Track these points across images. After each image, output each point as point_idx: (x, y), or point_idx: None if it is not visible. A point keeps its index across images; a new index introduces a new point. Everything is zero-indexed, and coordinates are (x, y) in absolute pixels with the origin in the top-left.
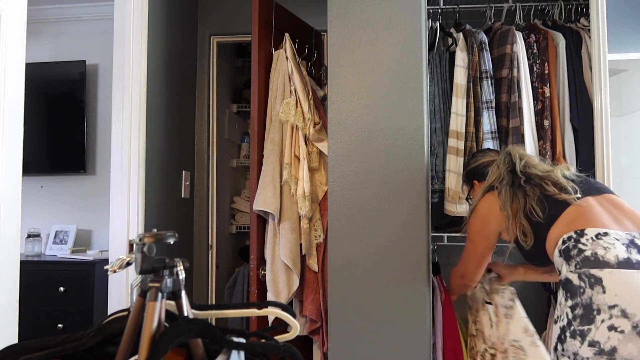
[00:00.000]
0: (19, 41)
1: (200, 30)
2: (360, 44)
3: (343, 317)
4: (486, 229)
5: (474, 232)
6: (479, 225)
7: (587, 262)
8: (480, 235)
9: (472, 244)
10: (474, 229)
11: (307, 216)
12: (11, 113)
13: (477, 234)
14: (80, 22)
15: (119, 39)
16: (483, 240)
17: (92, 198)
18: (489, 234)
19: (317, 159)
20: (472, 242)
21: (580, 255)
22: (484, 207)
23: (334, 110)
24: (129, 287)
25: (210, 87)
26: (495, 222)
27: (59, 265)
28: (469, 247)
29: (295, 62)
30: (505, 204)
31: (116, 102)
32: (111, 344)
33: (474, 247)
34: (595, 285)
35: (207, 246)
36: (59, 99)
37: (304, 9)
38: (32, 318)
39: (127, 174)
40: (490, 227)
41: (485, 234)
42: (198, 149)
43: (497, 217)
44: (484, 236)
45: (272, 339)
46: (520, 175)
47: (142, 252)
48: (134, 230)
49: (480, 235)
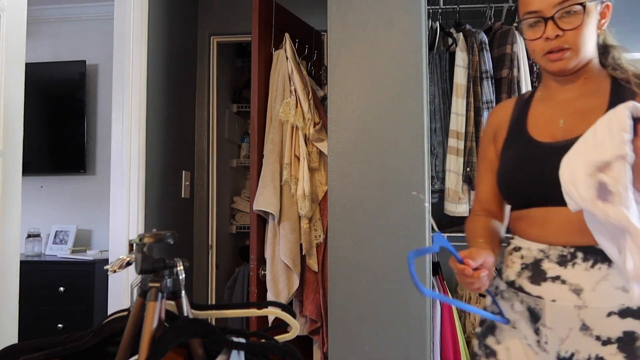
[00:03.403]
0: (19, 41)
1: (200, 30)
2: (360, 44)
3: (343, 317)
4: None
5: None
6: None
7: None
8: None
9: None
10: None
11: (307, 216)
12: (11, 113)
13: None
14: (80, 22)
15: (119, 39)
16: (482, 158)
17: (92, 198)
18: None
19: (317, 159)
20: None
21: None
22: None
23: (334, 110)
24: (129, 287)
25: (210, 87)
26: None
27: (59, 265)
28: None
29: (295, 62)
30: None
31: (116, 102)
32: (111, 344)
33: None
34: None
35: (207, 246)
36: (59, 99)
37: (304, 9)
38: (32, 318)
39: (127, 174)
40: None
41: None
42: (198, 149)
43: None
44: (481, 150)
45: (272, 339)
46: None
47: (142, 252)
48: (134, 230)
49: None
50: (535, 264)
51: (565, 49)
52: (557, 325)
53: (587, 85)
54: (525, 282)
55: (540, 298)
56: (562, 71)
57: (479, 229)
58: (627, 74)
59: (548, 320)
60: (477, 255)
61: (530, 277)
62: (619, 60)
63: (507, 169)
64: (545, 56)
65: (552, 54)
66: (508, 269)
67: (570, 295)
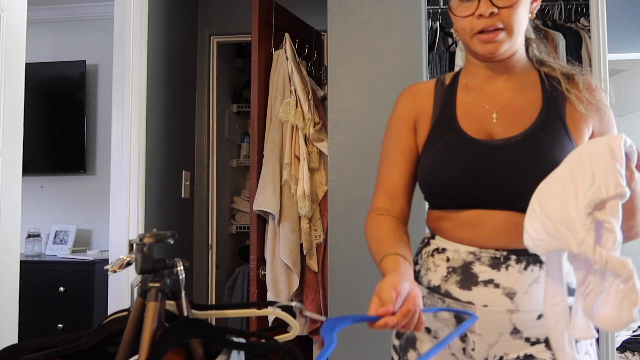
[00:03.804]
0: (19, 41)
1: (200, 30)
2: (360, 44)
3: None
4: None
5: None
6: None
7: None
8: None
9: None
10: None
11: (307, 216)
12: (11, 113)
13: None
14: (80, 22)
15: (119, 39)
16: (394, 144)
17: (92, 198)
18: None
19: (317, 159)
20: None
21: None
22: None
23: (334, 110)
24: (129, 287)
25: (210, 87)
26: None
27: (59, 265)
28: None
29: (295, 62)
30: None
31: (116, 102)
32: (111, 344)
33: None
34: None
35: (207, 246)
36: (59, 98)
37: (304, 9)
38: (32, 318)
39: (127, 174)
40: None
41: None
42: (198, 149)
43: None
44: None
45: (272, 339)
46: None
47: (142, 252)
48: (134, 230)
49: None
50: (465, 267)
51: (499, 29)
52: (487, 331)
53: (517, 77)
54: (454, 287)
55: (471, 304)
56: (493, 54)
57: (388, 235)
58: (556, 72)
59: (477, 327)
60: (397, 286)
61: (460, 281)
62: (542, 55)
63: (437, 165)
64: (476, 36)
65: (484, 34)
66: (430, 272)
67: (503, 300)
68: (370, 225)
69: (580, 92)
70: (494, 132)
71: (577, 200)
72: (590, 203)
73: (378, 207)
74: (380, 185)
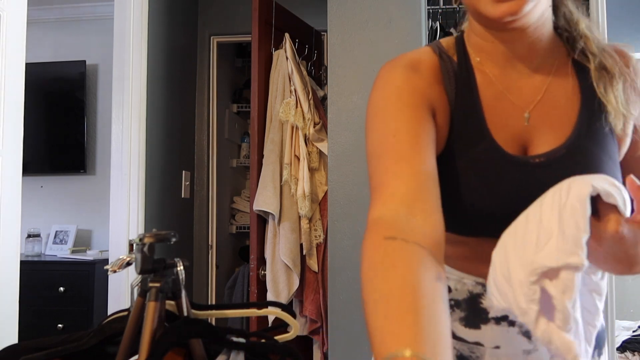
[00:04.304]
0: (19, 41)
1: (200, 30)
2: (360, 44)
3: (343, 317)
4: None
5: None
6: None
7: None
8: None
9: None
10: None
11: (307, 216)
12: (11, 113)
13: None
14: (80, 22)
15: (119, 39)
16: (414, 124)
17: (92, 198)
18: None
19: (317, 159)
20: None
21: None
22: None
23: (334, 110)
24: (129, 287)
25: (210, 87)
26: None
27: (59, 265)
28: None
29: (295, 62)
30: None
31: (116, 102)
32: (111, 344)
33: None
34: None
35: (207, 246)
36: (59, 98)
37: (304, 9)
38: (32, 318)
39: (127, 174)
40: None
41: (409, 111)
42: (198, 149)
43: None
44: (408, 113)
45: (272, 339)
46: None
47: (142, 252)
48: (134, 230)
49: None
50: (472, 300)
51: None
52: None
53: (545, 58)
54: (458, 325)
55: (479, 345)
56: (513, 17)
57: (406, 297)
58: (593, 47)
59: None
60: None
61: (465, 317)
62: (578, 23)
63: (465, 190)
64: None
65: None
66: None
67: (519, 339)
68: (373, 259)
69: (631, 75)
70: (529, 141)
71: (524, 260)
72: (535, 270)
73: (384, 218)
74: (384, 189)
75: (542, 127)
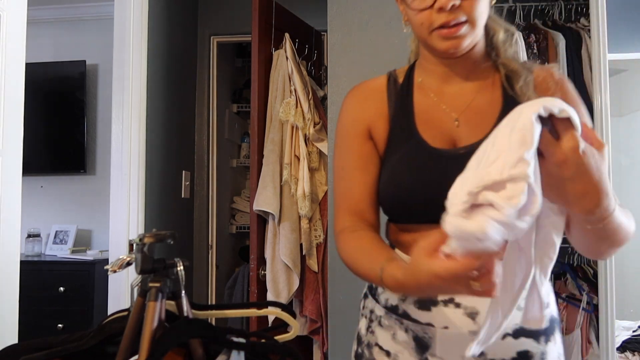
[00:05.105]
0: (19, 41)
1: (200, 30)
2: (360, 44)
3: (343, 317)
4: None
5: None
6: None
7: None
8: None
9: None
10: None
11: (307, 216)
12: (11, 113)
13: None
14: (80, 22)
15: (119, 39)
16: (355, 155)
17: (92, 198)
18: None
19: (317, 159)
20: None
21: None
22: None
23: (334, 110)
24: (129, 287)
25: (210, 87)
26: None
27: (59, 265)
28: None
29: (295, 62)
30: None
31: (116, 102)
32: (111, 344)
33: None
34: None
35: (207, 246)
36: (58, 98)
37: (304, 9)
38: (32, 318)
39: (127, 174)
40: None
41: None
42: (198, 149)
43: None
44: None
45: (272, 339)
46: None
47: (142, 252)
48: (134, 230)
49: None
50: None
51: (462, 22)
52: (449, 354)
53: (476, 75)
54: (412, 307)
55: (431, 325)
56: (455, 50)
57: (377, 245)
58: (513, 65)
59: (439, 350)
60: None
61: (418, 301)
62: (505, 46)
63: (394, 181)
64: (436, 32)
65: (445, 29)
66: (387, 290)
67: (464, 320)
68: (348, 243)
69: (544, 82)
70: (457, 138)
71: (476, 180)
72: (480, 182)
73: (345, 225)
74: (341, 203)
75: (468, 127)
